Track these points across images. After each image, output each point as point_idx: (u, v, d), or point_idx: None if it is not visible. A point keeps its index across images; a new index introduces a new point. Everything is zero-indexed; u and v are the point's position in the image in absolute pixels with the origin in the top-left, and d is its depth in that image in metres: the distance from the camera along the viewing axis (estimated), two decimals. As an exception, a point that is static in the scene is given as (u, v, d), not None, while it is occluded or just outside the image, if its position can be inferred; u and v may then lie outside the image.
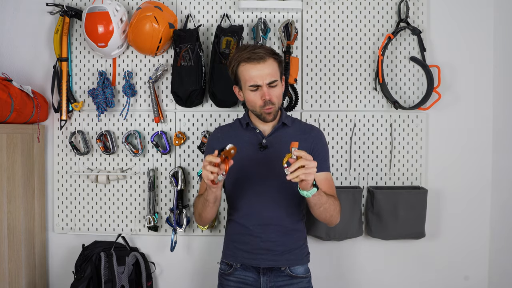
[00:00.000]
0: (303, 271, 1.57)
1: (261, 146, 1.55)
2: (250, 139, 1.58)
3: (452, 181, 2.02)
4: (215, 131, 1.68)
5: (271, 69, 1.48)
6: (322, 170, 1.56)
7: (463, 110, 2.01)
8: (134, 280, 1.91)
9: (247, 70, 1.48)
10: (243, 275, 1.56)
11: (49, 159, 2.04)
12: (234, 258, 1.57)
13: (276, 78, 1.49)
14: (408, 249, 2.01)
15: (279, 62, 1.53)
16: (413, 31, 1.95)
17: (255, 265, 1.54)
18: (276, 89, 1.51)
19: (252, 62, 1.47)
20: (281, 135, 1.58)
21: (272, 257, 1.52)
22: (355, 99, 2.00)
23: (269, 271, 1.53)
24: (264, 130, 1.59)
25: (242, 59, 1.48)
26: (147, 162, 2.00)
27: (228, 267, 1.59)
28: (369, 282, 2.04)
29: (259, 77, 1.47)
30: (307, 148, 1.56)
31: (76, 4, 2.00)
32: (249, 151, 1.55)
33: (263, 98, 1.48)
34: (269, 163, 1.52)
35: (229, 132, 1.63)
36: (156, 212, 1.99)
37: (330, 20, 2.00)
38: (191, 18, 1.98)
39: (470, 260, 2.03)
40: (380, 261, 2.03)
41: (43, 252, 2.01)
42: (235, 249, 1.57)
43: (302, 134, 1.60)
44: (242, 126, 1.60)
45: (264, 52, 1.48)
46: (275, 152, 1.53)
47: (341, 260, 2.03)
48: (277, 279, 1.53)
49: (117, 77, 2.00)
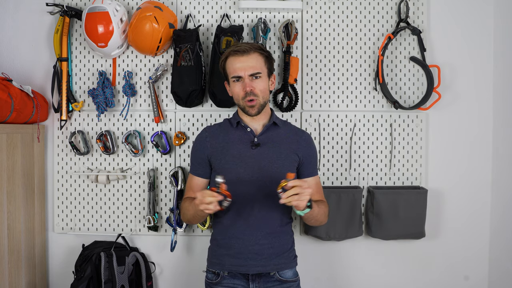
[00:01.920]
0: (292, 275, 1.56)
1: (253, 145, 1.54)
2: (241, 138, 1.57)
3: (452, 181, 2.02)
4: (202, 131, 1.66)
5: (254, 62, 1.51)
6: (313, 174, 1.62)
7: (463, 110, 2.01)
8: (134, 280, 1.91)
9: (231, 63, 1.53)
10: (231, 283, 1.53)
11: (49, 159, 2.04)
12: (221, 266, 1.54)
13: (259, 71, 1.52)
14: (408, 249, 2.01)
15: (265, 57, 1.55)
16: (413, 31, 1.95)
17: (243, 272, 1.51)
18: (260, 82, 1.52)
19: (236, 55, 1.52)
20: (273, 134, 1.58)
21: (260, 262, 1.50)
22: (355, 99, 2.00)
23: (258, 277, 1.52)
24: (256, 129, 1.59)
25: (228, 53, 1.54)
26: (147, 162, 2.00)
27: (215, 276, 1.55)
28: (369, 282, 2.04)
29: (241, 69, 1.51)
30: (299, 150, 1.58)
31: (76, 4, 2.00)
32: (240, 150, 1.55)
33: (244, 89, 1.51)
34: (260, 162, 1.52)
35: (217, 132, 1.62)
36: (156, 212, 1.99)
37: (330, 20, 2.00)
38: (191, 18, 1.98)
39: (470, 260, 2.03)
40: (380, 261, 2.03)
41: (43, 252, 2.01)
42: (222, 256, 1.54)
43: (294, 135, 1.61)
44: (232, 125, 1.60)
45: (249, 46, 1.52)
46: (267, 151, 1.54)
47: (341, 260, 2.03)
48: (267, 285, 1.52)
49: (117, 77, 2.00)
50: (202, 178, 1.62)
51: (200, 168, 1.61)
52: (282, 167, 1.53)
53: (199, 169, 1.62)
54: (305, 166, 1.60)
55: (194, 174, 1.63)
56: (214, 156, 1.57)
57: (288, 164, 1.55)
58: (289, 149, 1.57)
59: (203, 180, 1.62)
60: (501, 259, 1.97)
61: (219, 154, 1.56)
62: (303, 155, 1.58)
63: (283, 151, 1.56)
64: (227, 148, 1.56)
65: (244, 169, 1.52)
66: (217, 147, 1.57)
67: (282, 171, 1.50)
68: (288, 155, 1.56)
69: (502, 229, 1.96)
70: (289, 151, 1.56)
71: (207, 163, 1.60)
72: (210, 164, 1.59)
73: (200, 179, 1.62)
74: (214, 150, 1.57)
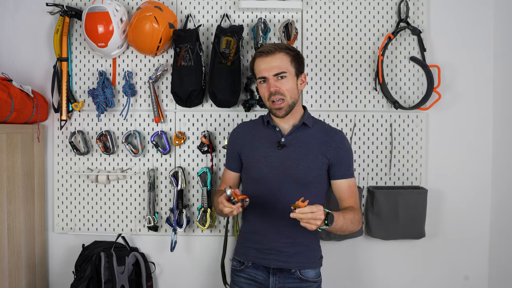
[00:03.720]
0: (314, 275, 1.56)
1: (279, 145, 1.55)
2: (269, 137, 1.59)
3: (452, 181, 2.02)
4: (236, 128, 1.72)
5: (279, 62, 1.51)
6: (346, 177, 1.56)
7: (463, 110, 2.01)
8: (134, 280, 1.91)
9: (257, 64, 1.54)
10: (253, 273, 1.57)
11: (49, 159, 2.04)
12: (245, 257, 1.59)
13: (284, 70, 1.51)
14: (408, 249, 2.01)
15: (292, 56, 1.53)
16: (413, 31, 1.95)
17: (265, 265, 1.55)
18: (286, 82, 1.51)
19: (262, 56, 1.53)
20: (301, 135, 1.57)
21: (282, 258, 1.53)
22: (355, 99, 2.00)
23: (279, 272, 1.54)
24: (284, 129, 1.59)
25: (256, 55, 1.55)
26: (147, 162, 2.00)
27: (239, 264, 1.61)
28: (369, 282, 2.04)
29: (265, 70, 1.51)
30: (328, 152, 1.55)
31: (76, 4, 2.00)
32: (266, 149, 1.56)
33: (269, 89, 1.51)
34: (286, 163, 1.52)
35: (249, 129, 1.66)
36: (156, 212, 1.99)
37: (330, 20, 2.00)
38: (191, 18, 1.98)
39: (470, 260, 2.03)
40: (380, 261, 2.03)
41: (43, 252, 2.01)
42: (247, 248, 1.59)
43: (324, 136, 1.58)
44: (264, 124, 1.62)
45: (274, 46, 1.52)
46: (293, 152, 1.53)
47: (341, 260, 2.03)
48: (286, 281, 1.53)
49: (117, 77, 2.00)
50: (234, 172, 1.68)
51: (232, 162, 1.68)
52: (308, 168, 1.52)
53: (231, 163, 1.68)
54: (335, 167, 1.56)
55: (227, 167, 1.71)
56: (243, 153, 1.62)
57: (315, 166, 1.53)
58: (317, 151, 1.54)
59: (236, 174, 1.68)
60: (501, 259, 1.97)
61: (248, 151, 1.61)
62: (332, 156, 1.55)
63: (311, 152, 1.54)
64: (255, 147, 1.59)
65: (269, 169, 1.54)
66: (246, 144, 1.62)
67: (308, 172, 1.51)
68: (316, 156, 1.53)
69: (502, 229, 1.96)
70: (317, 153, 1.54)
71: (238, 158, 1.65)
72: (241, 159, 1.64)
73: (232, 173, 1.69)
74: (244, 147, 1.62)
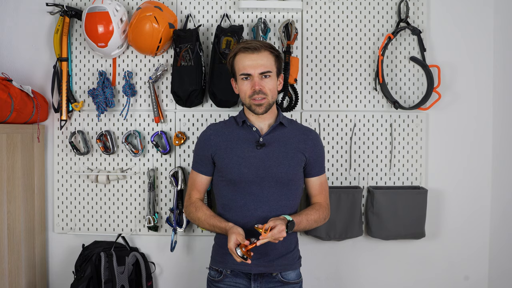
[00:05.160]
0: (295, 277, 1.55)
1: (258, 144, 1.52)
2: (245, 137, 1.55)
3: (452, 181, 2.02)
4: (207, 129, 1.63)
5: (265, 60, 1.48)
6: (319, 173, 1.61)
7: (463, 110, 2.01)
8: (134, 280, 1.91)
9: (241, 59, 1.50)
10: (233, 282, 1.52)
11: (49, 159, 2.04)
12: (223, 265, 1.53)
13: (269, 69, 1.49)
14: (408, 249, 2.01)
15: (275, 56, 1.52)
16: (413, 31, 1.95)
17: (246, 271, 1.51)
18: (269, 81, 1.50)
19: (247, 52, 1.48)
20: (279, 134, 1.56)
21: (263, 262, 1.50)
22: (355, 99, 2.00)
23: (260, 277, 1.51)
24: (261, 128, 1.57)
25: (238, 50, 1.50)
26: (147, 162, 2.00)
27: (217, 273, 1.55)
28: (369, 282, 2.04)
29: (251, 67, 1.48)
30: (306, 150, 1.56)
31: (76, 4, 2.00)
32: (244, 150, 1.53)
33: (253, 88, 1.48)
34: (266, 162, 1.51)
35: (222, 129, 1.59)
36: (156, 212, 1.99)
37: (330, 20, 2.00)
38: (191, 18, 1.98)
39: (470, 260, 2.03)
40: (380, 261, 2.03)
41: (43, 252, 2.01)
42: (225, 254, 1.50)
43: (301, 135, 1.59)
44: (238, 124, 1.58)
45: (260, 43, 1.50)
46: (273, 151, 1.52)
47: (341, 260, 2.03)
48: (268, 285, 1.51)
49: (117, 77, 2.00)
50: (206, 175, 1.60)
51: (203, 165, 1.59)
52: (289, 167, 1.52)
53: (202, 167, 1.60)
54: (312, 165, 1.58)
55: (196, 171, 1.61)
56: (217, 155, 1.55)
57: (294, 164, 1.53)
58: (296, 149, 1.55)
59: (207, 178, 1.61)
60: (501, 259, 1.97)
61: (223, 153, 1.54)
62: (310, 154, 1.57)
63: (290, 151, 1.54)
64: (231, 148, 1.53)
65: (248, 169, 1.50)
66: (221, 145, 1.55)
67: (289, 171, 1.51)
68: (295, 154, 1.54)
69: (502, 229, 1.96)
70: (296, 151, 1.54)
71: (210, 161, 1.58)
72: (214, 162, 1.57)
73: (204, 177, 1.60)
74: (218, 149, 1.55)
